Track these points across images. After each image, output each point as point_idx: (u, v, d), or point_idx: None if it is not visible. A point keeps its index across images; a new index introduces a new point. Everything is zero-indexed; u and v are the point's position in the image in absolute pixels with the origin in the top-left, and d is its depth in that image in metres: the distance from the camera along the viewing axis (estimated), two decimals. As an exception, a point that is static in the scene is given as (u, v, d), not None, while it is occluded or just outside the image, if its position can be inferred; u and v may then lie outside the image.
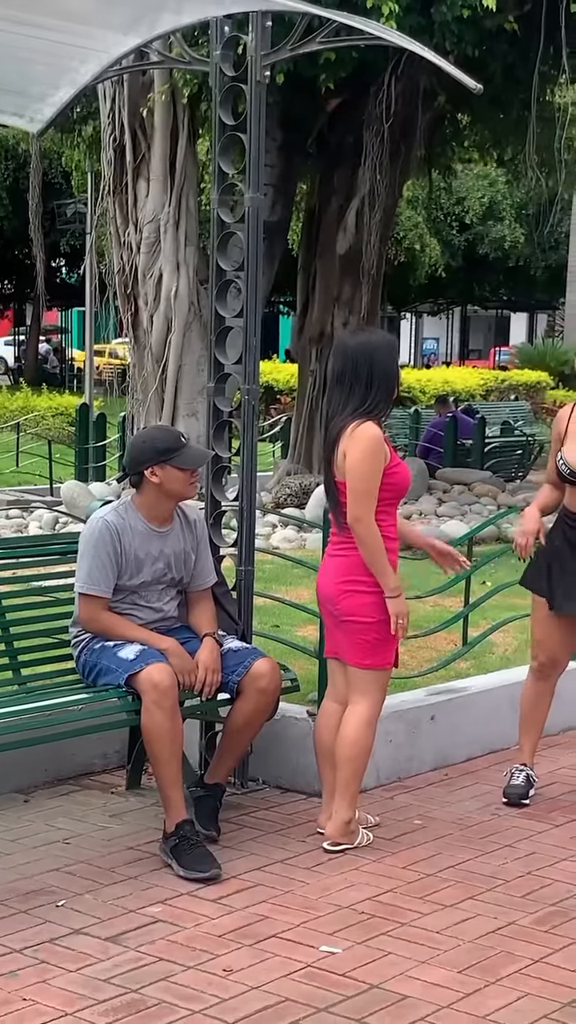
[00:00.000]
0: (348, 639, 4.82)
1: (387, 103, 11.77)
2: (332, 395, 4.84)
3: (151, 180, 13.20)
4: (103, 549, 4.82)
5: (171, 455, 4.85)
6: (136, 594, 4.92)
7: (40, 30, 4.96)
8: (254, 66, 5.16)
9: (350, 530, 4.75)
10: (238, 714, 4.91)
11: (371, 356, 4.75)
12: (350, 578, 4.77)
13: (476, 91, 4.62)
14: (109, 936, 4.08)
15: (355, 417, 4.73)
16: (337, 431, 4.76)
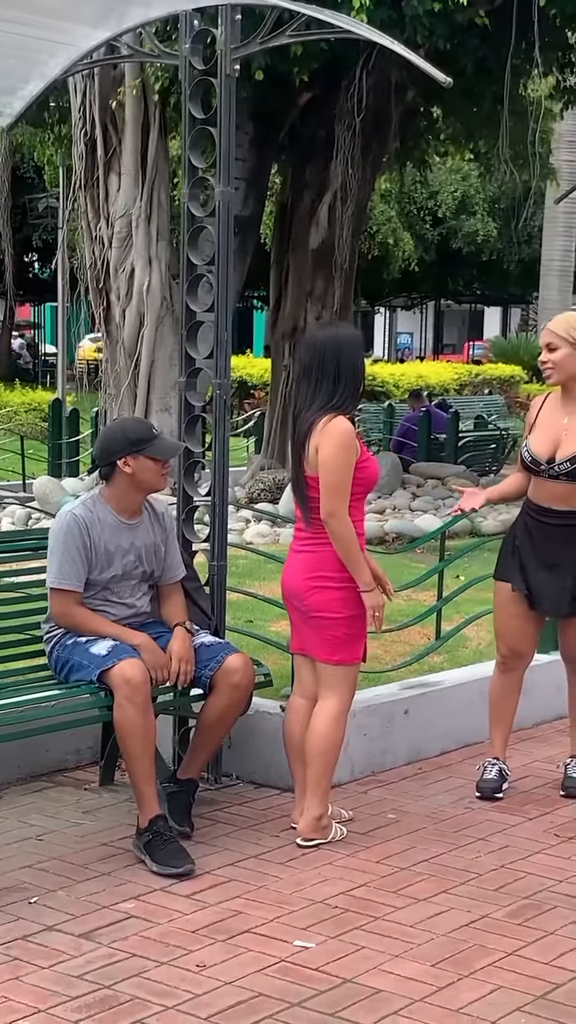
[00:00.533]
0: (316, 635, 4.82)
1: (358, 97, 11.76)
2: (299, 389, 4.83)
3: (122, 174, 13.15)
4: (72, 543, 4.79)
5: (144, 445, 4.82)
6: (108, 590, 4.90)
7: (8, 23, 4.94)
8: (224, 60, 5.15)
9: (318, 525, 4.74)
10: (211, 710, 4.90)
11: (338, 351, 4.74)
12: (318, 574, 4.77)
13: (446, 84, 4.62)
14: (82, 932, 4.07)
15: (324, 412, 4.72)
16: (307, 426, 4.74)
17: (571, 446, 5.17)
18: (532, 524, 5.32)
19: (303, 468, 4.77)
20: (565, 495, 5.21)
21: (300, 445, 4.77)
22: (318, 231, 13.23)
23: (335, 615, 4.77)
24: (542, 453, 5.23)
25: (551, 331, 5.24)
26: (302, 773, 4.90)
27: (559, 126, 21.57)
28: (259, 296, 37.39)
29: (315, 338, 4.87)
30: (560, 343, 5.19)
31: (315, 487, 4.73)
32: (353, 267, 13.62)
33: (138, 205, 13.06)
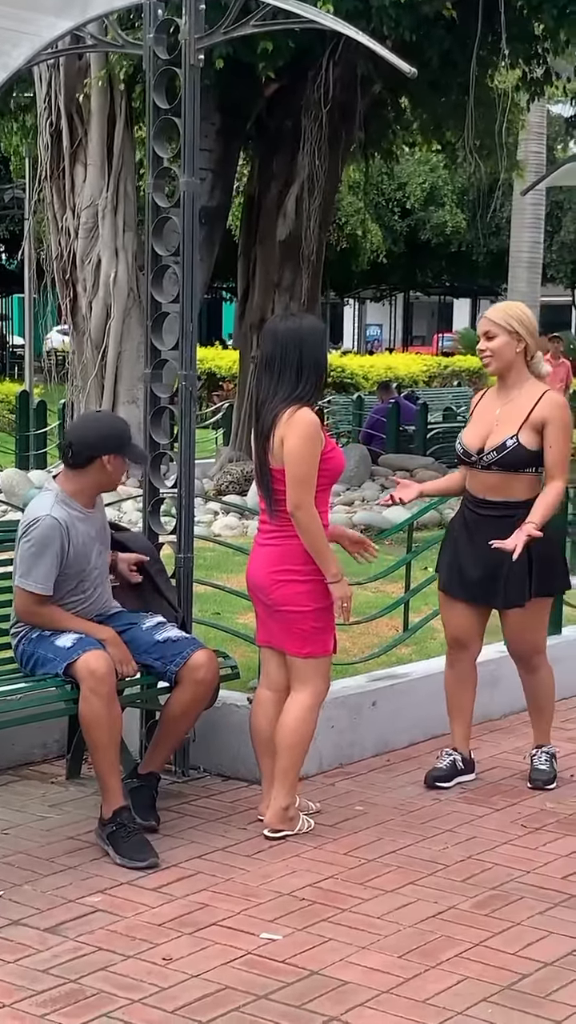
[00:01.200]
0: (284, 628, 4.80)
1: (325, 88, 11.74)
2: (261, 380, 4.80)
3: (88, 165, 13.09)
4: (54, 548, 4.73)
5: (127, 448, 4.86)
6: (81, 584, 4.86)
7: (-29, 12, 4.91)
8: (188, 49, 5.12)
9: (283, 518, 4.73)
10: (175, 704, 4.89)
11: (301, 342, 4.72)
12: (283, 567, 4.75)
13: (410, 75, 4.62)
14: (48, 927, 4.05)
15: (288, 403, 4.70)
16: (272, 418, 4.72)
17: (500, 436, 5.17)
18: (470, 516, 5.32)
19: (268, 460, 4.74)
20: (498, 485, 5.20)
21: (264, 437, 4.74)
22: (285, 222, 13.20)
23: (302, 608, 4.75)
24: (473, 444, 5.24)
25: (489, 319, 5.22)
26: (269, 766, 4.89)
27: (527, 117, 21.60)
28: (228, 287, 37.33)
29: (277, 329, 4.83)
30: (498, 331, 5.18)
31: (281, 479, 4.71)
32: (321, 259, 13.60)
33: (104, 196, 13.00)
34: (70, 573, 4.81)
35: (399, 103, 14.60)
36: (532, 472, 5.19)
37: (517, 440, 5.14)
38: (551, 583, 5.34)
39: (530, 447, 5.14)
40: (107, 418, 5.25)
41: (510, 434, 5.14)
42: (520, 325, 5.18)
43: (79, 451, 4.84)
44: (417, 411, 17.07)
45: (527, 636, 5.37)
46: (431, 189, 35.50)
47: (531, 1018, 3.58)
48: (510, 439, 5.14)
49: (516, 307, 5.26)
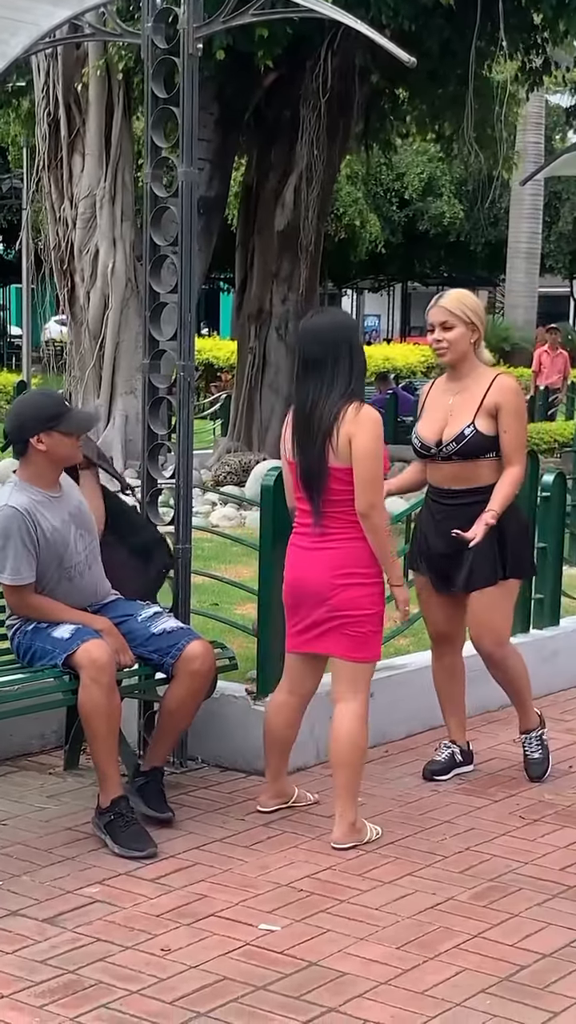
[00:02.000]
0: (341, 633, 4.67)
1: (323, 78, 11.70)
2: (307, 380, 4.65)
3: (86, 155, 13.05)
4: (19, 535, 4.69)
5: (57, 421, 4.73)
6: (66, 575, 4.83)
7: (-32, 1, 4.89)
8: (186, 39, 5.10)
9: (342, 520, 4.62)
10: (171, 698, 4.88)
11: (348, 338, 4.65)
12: (347, 570, 4.64)
13: (410, 64, 4.60)
14: (46, 917, 4.05)
15: (347, 400, 4.59)
16: (332, 416, 4.59)
17: (457, 425, 5.13)
18: (435, 508, 5.29)
19: (327, 460, 4.60)
20: (461, 474, 5.17)
21: (324, 436, 4.59)
22: (283, 213, 13.17)
23: (365, 611, 4.67)
24: (429, 437, 5.21)
25: (445, 309, 5.15)
26: (276, 762, 4.89)
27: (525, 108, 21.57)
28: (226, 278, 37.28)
29: (319, 326, 4.70)
30: (456, 322, 5.13)
31: (343, 479, 4.60)
32: (319, 249, 13.57)
33: (102, 186, 12.96)
34: (49, 558, 4.77)
35: (396, 94, 14.56)
36: (493, 457, 5.14)
37: (474, 428, 5.10)
38: (522, 566, 5.31)
39: (487, 433, 5.11)
40: (29, 397, 5.09)
41: (467, 423, 5.11)
42: (475, 316, 5.16)
43: (12, 441, 4.81)
44: (415, 402, 17.03)
45: (492, 622, 5.25)
46: (429, 179, 35.42)
47: (529, 1009, 3.58)
48: (468, 427, 5.10)
49: (469, 296, 5.24)
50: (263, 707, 5.32)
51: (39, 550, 4.73)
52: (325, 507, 4.65)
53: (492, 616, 5.26)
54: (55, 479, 4.86)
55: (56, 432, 4.73)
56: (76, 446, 4.84)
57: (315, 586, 4.68)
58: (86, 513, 4.95)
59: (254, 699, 5.39)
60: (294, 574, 4.78)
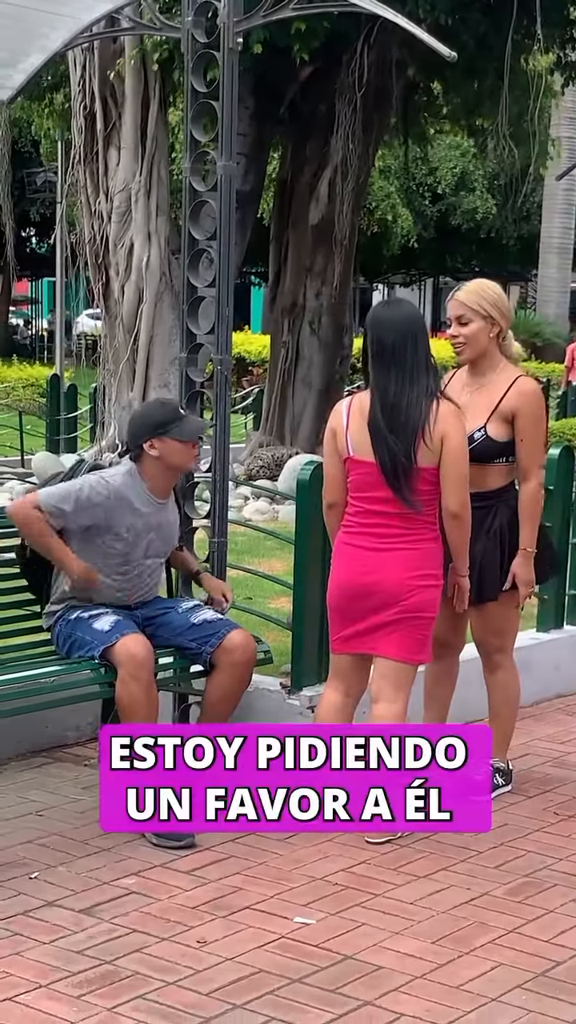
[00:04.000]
0: (405, 634, 4.65)
1: (360, 72, 11.68)
2: (388, 374, 4.58)
3: (122, 149, 13.06)
4: (87, 497, 4.75)
5: (168, 427, 4.82)
6: (127, 565, 4.87)
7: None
8: (226, 33, 5.11)
9: (421, 519, 4.60)
10: (214, 689, 4.89)
11: (422, 330, 4.63)
12: (424, 571, 4.62)
13: (451, 59, 4.60)
14: (83, 908, 4.07)
15: (431, 398, 4.57)
16: (421, 414, 4.54)
17: (471, 425, 4.87)
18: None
19: (415, 459, 4.55)
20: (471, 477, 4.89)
21: (413, 435, 4.53)
22: (318, 207, 13.16)
23: (429, 615, 4.68)
24: None
25: (462, 303, 4.94)
26: None
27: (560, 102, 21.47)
28: (257, 272, 37.28)
29: (396, 317, 4.64)
30: (472, 316, 4.92)
31: (430, 479, 4.58)
32: (353, 243, 13.55)
33: (137, 180, 12.97)
34: (111, 548, 4.82)
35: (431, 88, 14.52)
36: (504, 462, 4.98)
37: (485, 432, 4.90)
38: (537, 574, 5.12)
39: (499, 439, 4.92)
40: (144, 406, 5.26)
41: (477, 426, 4.89)
42: (494, 308, 4.93)
43: (129, 445, 4.93)
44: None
45: (497, 626, 5.15)
46: (462, 174, 35.33)
47: (565, 1005, 3.58)
48: (477, 431, 4.88)
49: (489, 288, 5.00)
50: (297, 700, 5.35)
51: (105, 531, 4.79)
52: (411, 507, 4.58)
53: (498, 622, 5.14)
54: (167, 487, 4.95)
55: (168, 438, 4.82)
56: (190, 453, 4.92)
57: (389, 587, 4.61)
58: (172, 532, 5.04)
59: (288, 693, 5.40)
60: (358, 575, 4.66)
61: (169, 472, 4.92)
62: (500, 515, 5.02)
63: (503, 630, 5.20)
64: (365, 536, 4.67)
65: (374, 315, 4.70)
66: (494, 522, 5.01)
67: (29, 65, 5.55)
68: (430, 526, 4.64)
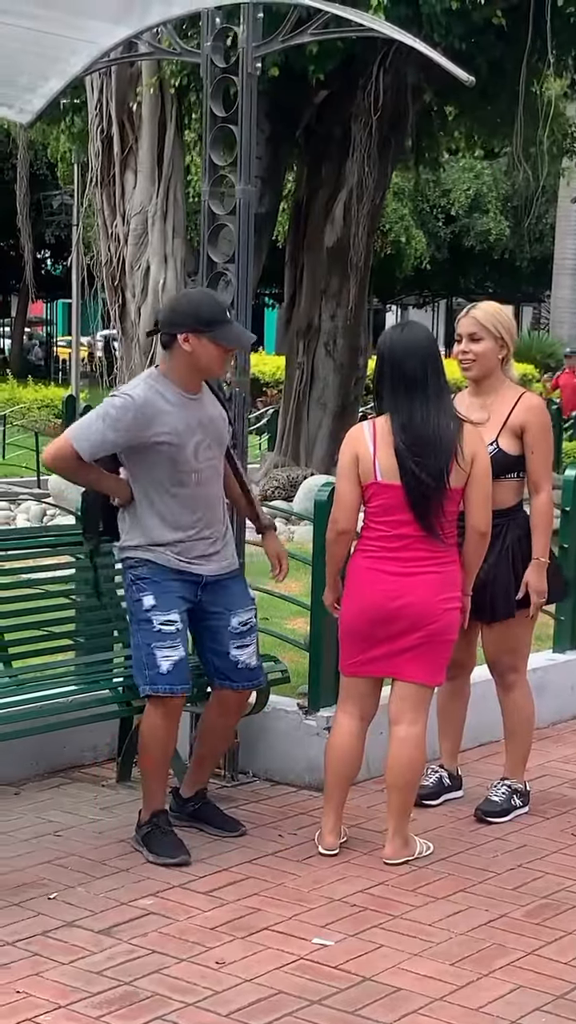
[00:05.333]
0: (429, 657, 4.62)
1: (375, 95, 11.74)
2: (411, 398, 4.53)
3: (138, 172, 13.16)
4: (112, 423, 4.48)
5: (212, 328, 4.48)
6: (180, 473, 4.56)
7: (30, 20, 4.95)
8: (245, 58, 5.14)
9: (446, 542, 4.58)
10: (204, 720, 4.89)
11: (438, 353, 4.61)
12: (449, 594, 4.61)
13: (468, 83, 4.61)
14: (102, 929, 4.08)
15: (456, 419, 4.58)
16: (452, 435, 4.53)
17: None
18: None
19: (446, 481, 4.53)
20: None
21: (447, 457, 4.51)
22: (333, 229, 13.22)
23: (453, 636, 4.67)
24: None
25: (477, 321, 4.99)
26: (340, 797, 4.72)
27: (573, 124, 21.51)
28: (271, 294, 37.38)
29: (411, 341, 4.60)
30: (485, 335, 4.98)
31: (455, 500, 4.58)
32: (368, 265, 13.60)
33: (154, 202, 13.06)
34: (158, 458, 4.53)
35: (445, 110, 14.59)
36: (514, 478, 5.02)
37: (497, 446, 4.94)
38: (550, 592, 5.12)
39: (511, 452, 4.98)
40: (195, 294, 4.78)
41: (489, 440, 4.89)
42: (506, 331, 5.01)
43: (162, 328, 4.59)
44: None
45: (510, 646, 5.15)
46: (476, 196, 35.44)
47: (585, 1028, 3.57)
48: (490, 446, 4.90)
49: (502, 310, 5.08)
50: (314, 721, 5.35)
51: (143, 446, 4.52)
52: (440, 529, 4.55)
53: (510, 641, 5.14)
54: (196, 384, 4.61)
55: (206, 338, 4.49)
56: (223, 360, 4.61)
57: (418, 611, 4.56)
58: (219, 425, 4.68)
59: (305, 713, 5.40)
60: (386, 600, 4.58)
61: (196, 372, 4.57)
62: (511, 533, 5.04)
63: (516, 649, 5.20)
64: (390, 561, 4.60)
65: (390, 341, 4.66)
66: (506, 540, 5.02)
67: (49, 90, 5.59)
68: (452, 548, 4.65)
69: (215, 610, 4.73)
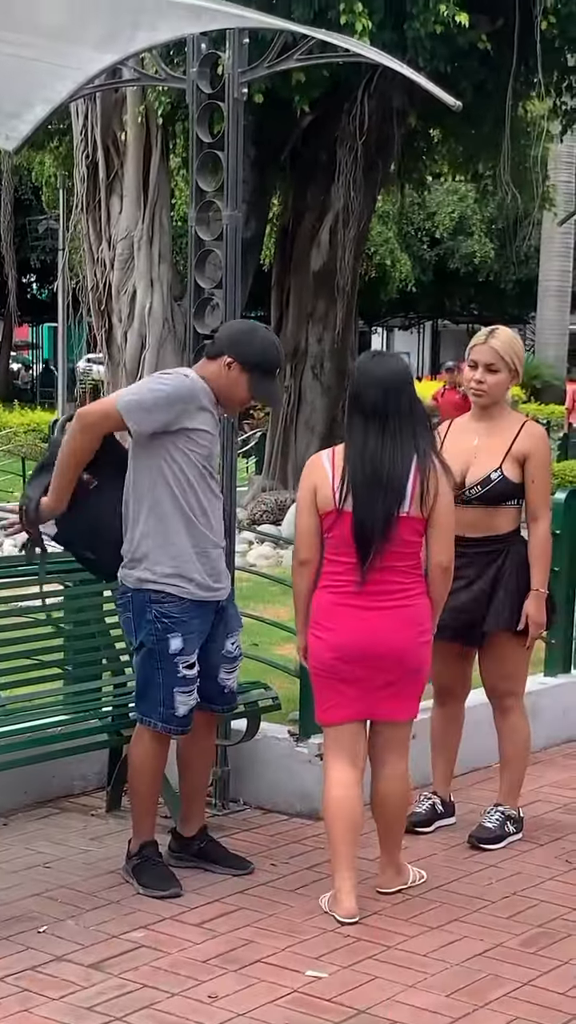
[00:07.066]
0: (407, 693, 4.49)
1: (360, 120, 11.78)
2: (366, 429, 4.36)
3: (124, 197, 13.18)
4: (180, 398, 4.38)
5: (254, 371, 4.48)
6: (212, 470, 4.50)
7: (15, 47, 4.93)
8: (231, 83, 5.14)
9: (413, 574, 4.42)
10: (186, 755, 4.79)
11: (409, 383, 4.45)
12: (423, 627, 4.46)
13: (455, 108, 4.61)
14: (92, 963, 4.02)
15: (421, 455, 4.38)
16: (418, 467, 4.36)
17: (482, 469, 4.92)
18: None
19: (405, 511, 4.35)
20: (480, 521, 4.95)
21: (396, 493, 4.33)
22: (319, 253, 13.25)
23: (427, 668, 4.53)
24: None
25: (497, 352, 4.93)
26: (349, 854, 4.44)
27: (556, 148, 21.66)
28: (257, 316, 37.44)
29: (377, 374, 4.41)
30: (502, 367, 4.94)
31: (419, 530, 4.40)
32: (355, 289, 13.65)
33: (140, 227, 13.08)
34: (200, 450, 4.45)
35: (430, 134, 14.65)
36: (514, 505, 5.01)
37: (501, 473, 4.92)
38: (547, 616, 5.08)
39: (514, 480, 4.94)
40: (267, 336, 4.68)
41: (493, 467, 4.92)
42: (520, 362, 5.01)
43: (218, 341, 4.57)
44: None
45: (507, 670, 5.10)
46: (460, 219, 35.55)
47: (583, 1060, 3.53)
48: (494, 472, 4.91)
49: (518, 342, 5.07)
50: (306, 748, 5.31)
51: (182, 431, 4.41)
52: (393, 560, 4.37)
53: (508, 666, 5.10)
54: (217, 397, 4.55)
55: (245, 377, 4.48)
56: (243, 402, 4.61)
57: (397, 647, 4.39)
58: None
59: (296, 740, 5.36)
60: (359, 636, 4.39)
61: (221, 391, 4.51)
62: (510, 559, 5.01)
63: (513, 675, 5.16)
64: (356, 595, 4.40)
65: (358, 368, 4.54)
66: (504, 565, 5.00)
67: (34, 116, 5.57)
68: (420, 579, 4.47)
69: (212, 632, 4.65)
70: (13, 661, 5.14)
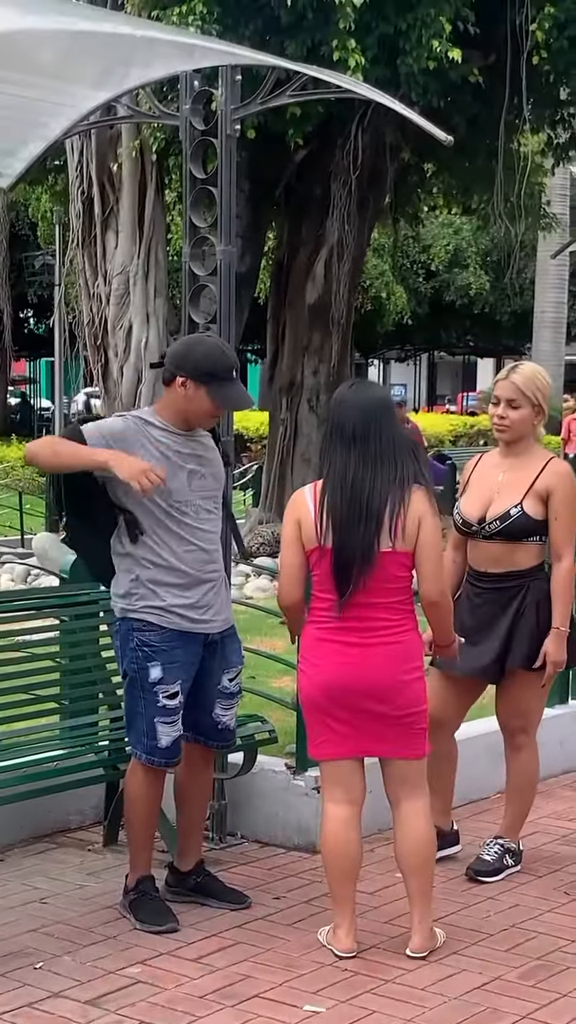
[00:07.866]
0: (405, 732, 4.37)
1: (354, 155, 11.87)
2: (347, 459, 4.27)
3: (120, 232, 13.25)
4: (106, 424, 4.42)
5: (211, 382, 4.38)
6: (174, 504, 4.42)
7: (9, 85, 4.97)
8: (224, 120, 5.18)
9: (399, 608, 4.32)
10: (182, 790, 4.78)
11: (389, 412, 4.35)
12: (411, 664, 4.35)
13: (447, 143, 4.65)
14: (89, 999, 4.01)
15: (408, 483, 4.29)
16: (397, 498, 4.26)
17: (503, 504, 4.91)
18: (470, 590, 5.05)
19: (385, 544, 4.25)
20: (501, 556, 4.94)
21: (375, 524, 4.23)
22: (314, 287, 13.32)
23: (424, 706, 4.43)
24: (473, 514, 4.98)
25: (517, 387, 4.91)
26: (348, 893, 4.40)
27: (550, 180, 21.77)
28: (253, 350, 37.55)
29: (356, 404, 4.32)
30: (524, 403, 4.92)
31: (405, 564, 4.29)
32: (350, 322, 13.71)
33: (135, 262, 13.15)
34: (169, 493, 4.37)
35: (423, 167, 14.75)
36: (536, 541, 4.96)
37: (522, 509, 4.89)
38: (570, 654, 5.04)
39: (534, 516, 4.90)
40: (209, 341, 4.59)
41: (514, 503, 4.90)
42: (544, 398, 4.97)
43: (166, 364, 4.48)
44: (446, 471, 17.06)
45: (523, 706, 5.10)
46: (455, 251, 35.74)
47: None
48: (514, 508, 4.89)
49: (542, 375, 5.03)
50: (303, 781, 5.30)
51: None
52: (378, 596, 4.28)
53: (523, 703, 5.10)
54: (184, 427, 4.49)
55: (203, 390, 4.38)
56: (212, 416, 4.50)
57: (382, 684, 4.30)
58: (216, 467, 4.58)
59: (294, 773, 5.35)
60: (344, 672, 4.31)
61: (183, 417, 4.46)
62: (531, 594, 4.97)
63: (528, 711, 5.15)
64: (344, 631, 4.32)
65: (337, 397, 4.43)
66: (525, 600, 4.97)
67: (28, 153, 5.61)
68: (409, 615, 4.41)
69: (207, 666, 4.61)
70: (9, 696, 5.14)
